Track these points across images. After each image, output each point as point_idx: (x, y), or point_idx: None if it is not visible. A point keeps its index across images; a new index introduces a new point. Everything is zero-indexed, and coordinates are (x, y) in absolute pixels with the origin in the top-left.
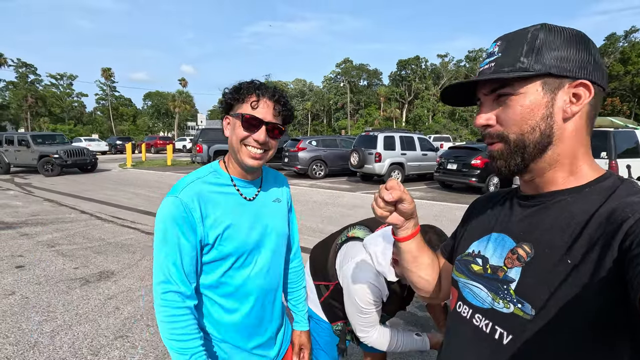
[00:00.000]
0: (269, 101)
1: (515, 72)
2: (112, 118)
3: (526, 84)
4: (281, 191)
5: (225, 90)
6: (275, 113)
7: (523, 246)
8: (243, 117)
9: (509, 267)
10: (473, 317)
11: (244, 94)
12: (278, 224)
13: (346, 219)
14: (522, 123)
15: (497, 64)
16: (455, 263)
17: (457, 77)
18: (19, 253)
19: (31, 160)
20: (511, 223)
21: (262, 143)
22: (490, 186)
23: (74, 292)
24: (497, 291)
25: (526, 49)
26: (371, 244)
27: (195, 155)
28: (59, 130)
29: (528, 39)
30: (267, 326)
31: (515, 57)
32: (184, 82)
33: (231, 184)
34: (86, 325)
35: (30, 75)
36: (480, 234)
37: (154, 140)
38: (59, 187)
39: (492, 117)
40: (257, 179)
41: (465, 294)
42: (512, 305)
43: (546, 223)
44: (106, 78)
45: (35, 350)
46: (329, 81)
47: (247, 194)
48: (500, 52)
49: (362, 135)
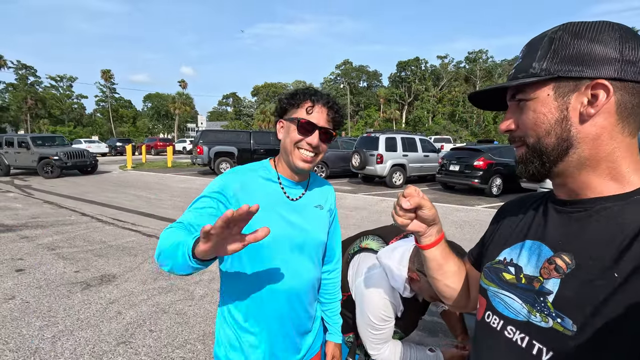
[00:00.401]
0: (323, 107)
1: (522, 79)
2: (112, 120)
3: (537, 89)
4: (325, 199)
5: (281, 95)
6: (328, 119)
7: (562, 256)
8: (299, 122)
9: (546, 278)
10: (505, 329)
11: (299, 100)
12: (316, 229)
13: (349, 220)
14: (536, 127)
15: (516, 70)
16: (483, 270)
17: (457, 78)
18: (19, 256)
19: (31, 162)
20: (547, 230)
21: (314, 147)
22: (493, 187)
23: (75, 297)
24: (534, 303)
25: (540, 54)
26: (385, 259)
27: (196, 157)
28: (58, 132)
29: (543, 43)
30: (295, 330)
31: (529, 62)
32: (184, 83)
33: (277, 181)
34: (88, 330)
35: (30, 77)
36: (513, 240)
37: (154, 142)
38: (59, 189)
39: (511, 122)
40: (304, 181)
41: (496, 303)
42: (550, 319)
43: (589, 232)
44: (106, 80)
45: (36, 356)
46: (329, 83)
47: (291, 193)
48: (521, 57)
49: (364, 137)
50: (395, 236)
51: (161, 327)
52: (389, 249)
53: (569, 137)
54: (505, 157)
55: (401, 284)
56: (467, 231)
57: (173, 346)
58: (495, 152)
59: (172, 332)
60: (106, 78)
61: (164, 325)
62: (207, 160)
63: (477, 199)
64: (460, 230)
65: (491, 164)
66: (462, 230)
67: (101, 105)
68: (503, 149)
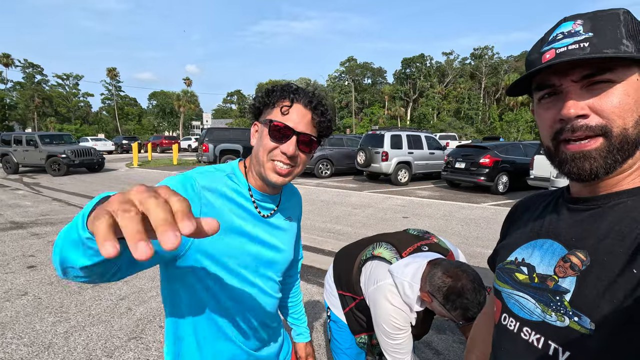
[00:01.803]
0: (304, 108)
1: (627, 53)
2: (118, 118)
3: (629, 71)
4: (294, 207)
5: (258, 93)
6: (312, 123)
7: (577, 253)
8: (271, 125)
9: (561, 277)
10: (521, 331)
11: (275, 97)
12: (287, 248)
13: (354, 217)
14: (625, 114)
15: (592, 44)
16: (496, 271)
17: (463, 74)
18: (30, 253)
19: (39, 160)
20: (560, 228)
21: (290, 156)
22: (499, 185)
23: (85, 293)
24: (548, 302)
25: (625, 32)
26: (398, 275)
27: (202, 155)
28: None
29: (622, 21)
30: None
31: (615, 38)
32: (189, 81)
33: (248, 194)
34: (99, 326)
35: (37, 76)
36: (524, 239)
37: (159, 140)
38: (67, 187)
39: (585, 106)
40: (277, 194)
41: (511, 305)
42: (566, 318)
43: (603, 228)
44: (111, 78)
45: (50, 351)
46: (334, 80)
47: (262, 209)
48: (590, 31)
49: (369, 134)
50: (409, 247)
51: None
52: (401, 264)
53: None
54: (512, 154)
55: (413, 300)
56: (473, 229)
57: None
58: (501, 149)
59: None
60: (112, 76)
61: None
62: (213, 158)
63: (483, 196)
64: (467, 228)
65: (497, 161)
66: (468, 228)
67: (107, 103)
68: (509, 146)
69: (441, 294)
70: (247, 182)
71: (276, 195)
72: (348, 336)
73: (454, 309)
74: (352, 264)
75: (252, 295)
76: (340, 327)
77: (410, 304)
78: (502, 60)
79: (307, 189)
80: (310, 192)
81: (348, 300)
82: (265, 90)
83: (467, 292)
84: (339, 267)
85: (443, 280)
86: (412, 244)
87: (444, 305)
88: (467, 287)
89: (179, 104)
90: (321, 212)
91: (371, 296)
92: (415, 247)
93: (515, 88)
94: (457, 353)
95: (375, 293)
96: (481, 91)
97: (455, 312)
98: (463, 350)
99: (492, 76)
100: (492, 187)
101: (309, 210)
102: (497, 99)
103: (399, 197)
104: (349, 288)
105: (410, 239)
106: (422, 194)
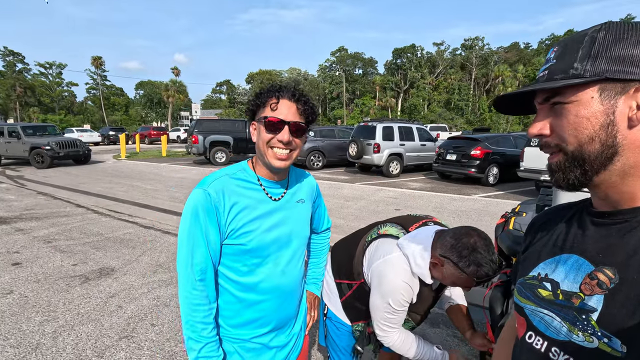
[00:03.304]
0: (289, 101)
1: (565, 80)
2: (104, 108)
3: (579, 92)
4: (306, 191)
5: (249, 98)
6: (298, 112)
7: (605, 270)
8: (266, 120)
9: (587, 294)
10: (549, 351)
11: (264, 98)
12: (300, 226)
13: (346, 210)
14: (578, 133)
15: (550, 72)
16: (517, 286)
17: (453, 65)
18: (14, 249)
19: (22, 152)
20: (586, 243)
21: (286, 143)
22: (490, 177)
23: (74, 290)
24: (574, 321)
25: (581, 54)
26: (408, 246)
27: (191, 146)
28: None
29: (585, 42)
30: (283, 326)
31: (568, 63)
32: (177, 71)
33: (257, 183)
34: (89, 325)
35: (18, 64)
36: (547, 255)
37: (147, 131)
38: (52, 180)
39: (546, 125)
40: (284, 179)
41: (537, 323)
42: (595, 339)
43: (632, 244)
44: (96, 67)
45: (37, 352)
46: (324, 70)
47: (273, 194)
48: (555, 58)
49: (361, 126)
50: (414, 223)
51: (163, 321)
52: (410, 236)
53: (615, 143)
54: (502, 146)
55: (425, 269)
56: (465, 221)
57: (176, 340)
58: (492, 141)
59: (174, 325)
60: (97, 65)
61: (166, 319)
62: (203, 150)
63: (473, 188)
64: (458, 220)
65: (488, 153)
66: (459, 220)
67: (92, 93)
68: (500, 138)
69: (454, 252)
70: (255, 174)
71: (283, 180)
72: (344, 335)
73: (468, 266)
74: (354, 250)
75: (274, 272)
76: (337, 326)
77: (422, 274)
78: (492, 51)
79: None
80: None
81: (344, 289)
82: (255, 94)
83: (480, 248)
84: (338, 257)
85: (455, 238)
86: (417, 221)
87: (457, 264)
88: (479, 243)
89: (167, 94)
90: None
91: (376, 270)
92: (420, 223)
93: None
94: (451, 347)
95: (382, 267)
96: (471, 82)
97: (469, 269)
98: (457, 345)
99: (482, 67)
100: (482, 179)
101: None
102: (486, 90)
103: (390, 189)
104: (348, 275)
105: (414, 218)
106: (414, 185)
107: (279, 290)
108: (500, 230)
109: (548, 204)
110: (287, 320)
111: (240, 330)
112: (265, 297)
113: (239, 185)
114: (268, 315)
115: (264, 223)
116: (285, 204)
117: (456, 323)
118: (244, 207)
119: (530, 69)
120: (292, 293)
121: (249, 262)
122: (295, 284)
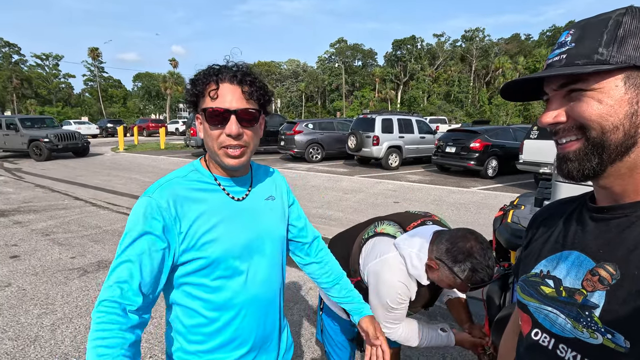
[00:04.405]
0: (231, 85)
1: (593, 66)
2: (102, 100)
3: (604, 79)
4: (275, 187)
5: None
6: (244, 97)
7: (605, 266)
8: (206, 113)
9: (589, 291)
10: (557, 348)
11: (202, 85)
12: (273, 226)
13: (345, 202)
14: (602, 120)
15: (569, 56)
16: (519, 284)
17: (453, 57)
18: (12, 242)
19: (21, 145)
20: (586, 239)
21: (236, 136)
22: (489, 169)
23: (72, 283)
24: (578, 318)
25: (606, 38)
26: (405, 246)
27: (190, 139)
28: (46, 113)
29: (609, 27)
30: (263, 344)
31: (592, 47)
32: (175, 62)
33: (215, 182)
34: (87, 318)
35: (14, 56)
36: (548, 251)
37: (145, 123)
38: (51, 173)
39: (562, 113)
40: (246, 175)
41: (542, 320)
42: (599, 335)
43: (632, 240)
44: (94, 58)
45: (36, 345)
46: (323, 62)
47: (235, 193)
48: (573, 41)
49: (360, 118)
50: (412, 222)
51: (161, 314)
52: (407, 236)
53: (636, 133)
54: (502, 138)
55: (422, 270)
56: (463, 213)
57: None
58: (491, 133)
59: None
60: (94, 56)
61: (164, 312)
62: (201, 143)
63: (473, 180)
64: (457, 213)
65: (487, 145)
66: (458, 213)
67: (89, 85)
68: (499, 130)
69: (449, 256)
70: (211, 174)
71: (246, 176)
72: (341, 330)
73: (462, 271)
74: (351, 246)
75: (249, 282)
76: (333, 321)
77: (418, 275)
78: (493, 43)
79: (298, 174)
80: (301, 177)
81: None
82: (190, 81)
83: (476, 252)
84: (335, 252)
85: (451, 242)
86: (416, 220)
87: (452, 269)
88: (476, 248)
89: (165, 86)
90: (312, 198)
91: (372, 270)
92: (419, 222)
93: (514, 93)
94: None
95: (378, 266)
96: (471, 74)
97: (464, 275)
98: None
99: (482, 59)
100: (481, 172)
101: (300, 196)
102: (486, 82)
103: (389, 181)
104: (346, 272)
105: (412, 216)
106: (413, 178)
107: (255, 304)
108: (499, 223)
109: (547, 197)
110: (267, 337)
111: (215, 356)
112: (240, 313)
113: (193, 188)
114: (245, 334)
115: (229, 228)
116: (251, 202)
117: (455, 315)
118: (201, 212)
119: (531, 61)
120: (269, 305)
121: (216, 275)
122: (274, 294)
